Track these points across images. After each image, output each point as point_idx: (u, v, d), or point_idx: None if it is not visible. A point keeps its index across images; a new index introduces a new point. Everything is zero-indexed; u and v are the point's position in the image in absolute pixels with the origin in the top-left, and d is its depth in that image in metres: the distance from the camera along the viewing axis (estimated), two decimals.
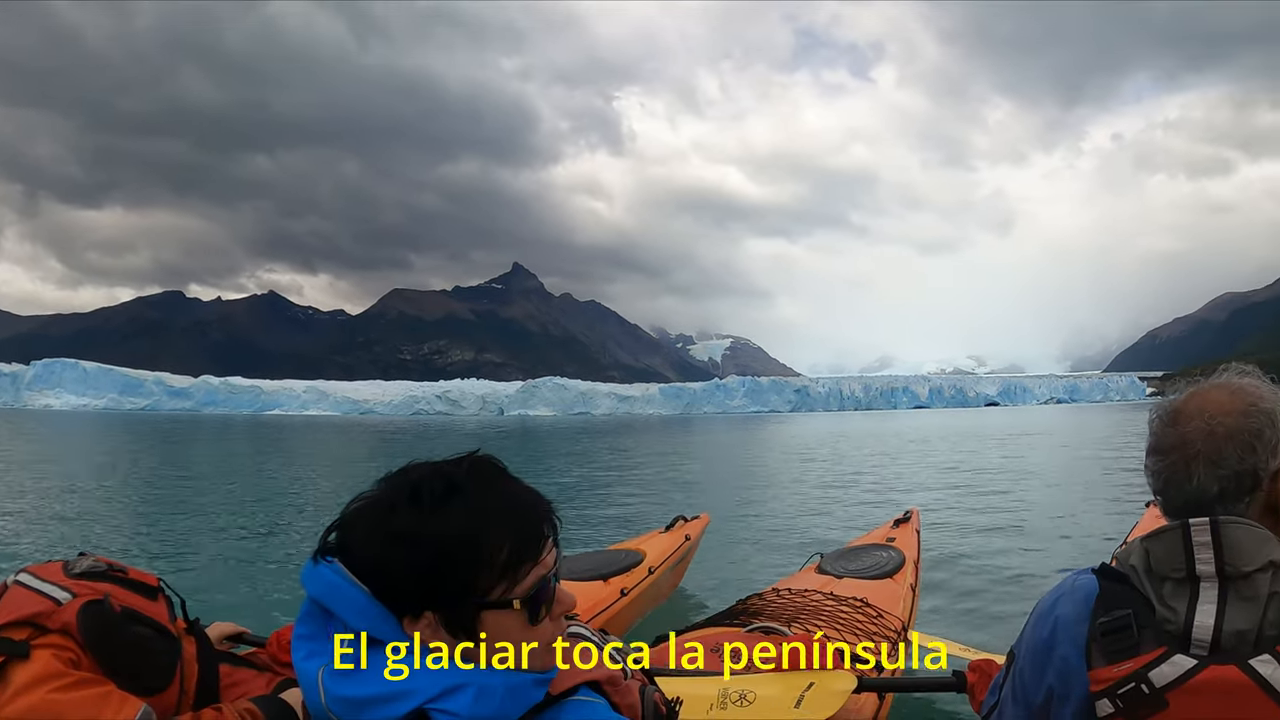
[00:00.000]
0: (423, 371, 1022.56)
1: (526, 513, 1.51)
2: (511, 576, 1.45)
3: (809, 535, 12.63)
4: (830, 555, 6.49)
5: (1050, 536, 12.41)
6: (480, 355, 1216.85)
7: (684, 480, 23.16)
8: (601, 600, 6.13)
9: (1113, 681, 1.73)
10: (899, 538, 7.09)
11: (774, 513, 15.63)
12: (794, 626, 4.50)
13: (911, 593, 5.96)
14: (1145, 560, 1.81)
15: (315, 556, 1.49)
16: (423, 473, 1.50)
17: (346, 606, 1.44)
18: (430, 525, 1.42)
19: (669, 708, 2.11)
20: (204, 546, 11.96)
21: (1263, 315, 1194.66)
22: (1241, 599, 1.67)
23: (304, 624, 1.50)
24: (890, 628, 4.81)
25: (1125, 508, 13.37)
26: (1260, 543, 1.70)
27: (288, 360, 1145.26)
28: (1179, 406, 1.89)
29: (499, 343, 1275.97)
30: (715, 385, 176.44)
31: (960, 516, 14.60)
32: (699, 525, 8.40)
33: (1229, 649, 1.65)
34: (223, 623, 3.17)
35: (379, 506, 1.46)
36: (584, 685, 1.57)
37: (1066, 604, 1.89)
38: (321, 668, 1.42)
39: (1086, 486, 19.24)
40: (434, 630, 1.44)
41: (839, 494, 18.79)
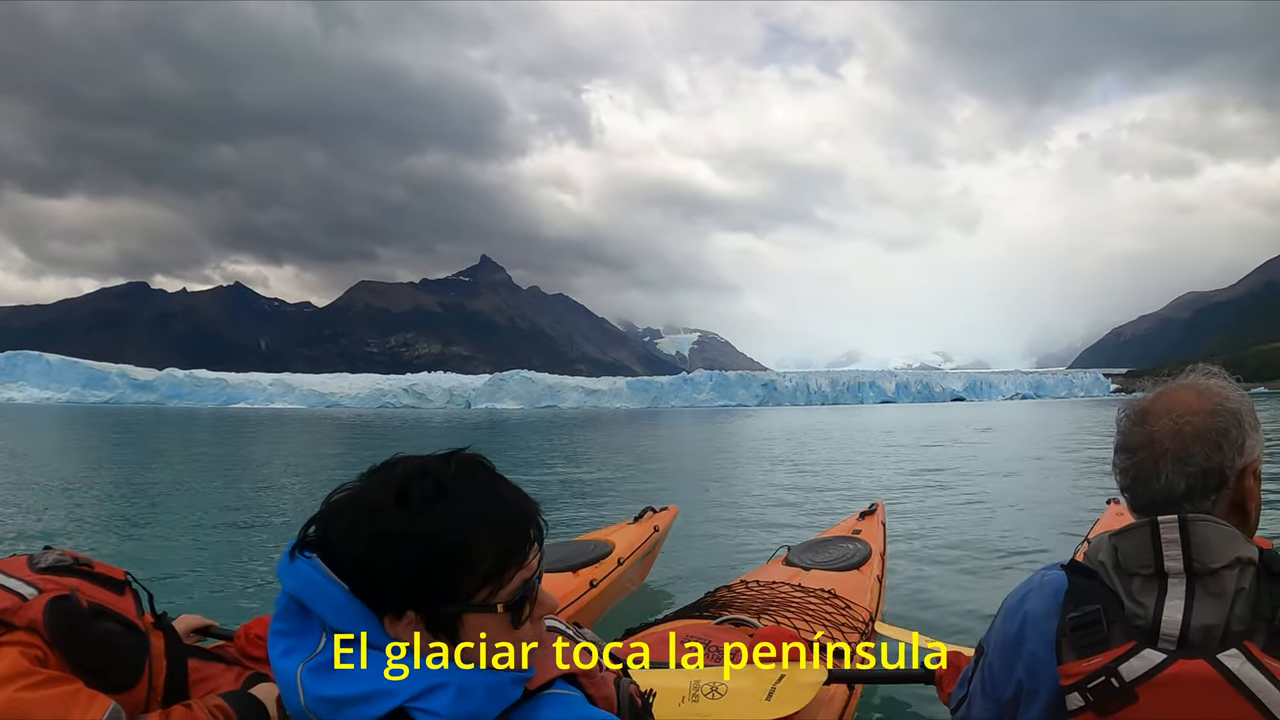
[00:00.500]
0: (389, 364, 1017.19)
1: (514, 517, 1.50)
2: (496, 580, 1.45)
3: (776, 527, 12.69)
4: (797, 548, 6.50)
5: (1014, 530, 12.48)
6: (447, 348, 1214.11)
7: (652, 473, 23.15)
8: (571, 592, 6.12)
9: (1082, 676, 1.74)
10: (865, 530, 7.13)
11: (741, 505, 15.66)
12: (763, 618, 4.50)
13: (878, 584, 5.97)
14: (1114, 556, 1.83)
15: (293, 550, 1.46)
16: (410, 470, 1.47)
17: (325, 604, 1.42)
18: (418, 526, 1.40)
19: (644, 699, 2.11)
20: (169, 539, 11.85)
21: (1226, 314, 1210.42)
22: (1209, 595, 1.70)
23: (281, 620, 1.47)
24: (858, 619, 4.81)
25: (1087, 503, 13.50)
26: (1227, 540, 1.72)
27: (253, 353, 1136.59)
28: (1147, 405, 1.92)
29: (466, 335, 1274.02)
30: (683, 379, 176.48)
31: (925, 509, 14.69)
32: (668, 517, 8.42)
33: (1197, 644, 1.68)
34: (190, 615, 3.14)
35: (364, 503, 1.44)
36: (560, 678, 1.57)
37: (1035, 599, 1.90)
38: (300, 666, 1.41)
39: (1050, 481, 19.36)
40: (415, 630, 1.43)
41: (805, 487, 18.83)
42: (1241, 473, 1.84)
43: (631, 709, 1.95)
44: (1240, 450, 1.83)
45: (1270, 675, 1.62)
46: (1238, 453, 1.83)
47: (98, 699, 2.08)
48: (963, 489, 17.94)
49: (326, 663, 1.41)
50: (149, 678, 2.37)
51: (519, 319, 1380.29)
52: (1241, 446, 1.84)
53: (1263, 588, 1.71)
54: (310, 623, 1.45)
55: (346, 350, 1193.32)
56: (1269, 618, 1.67)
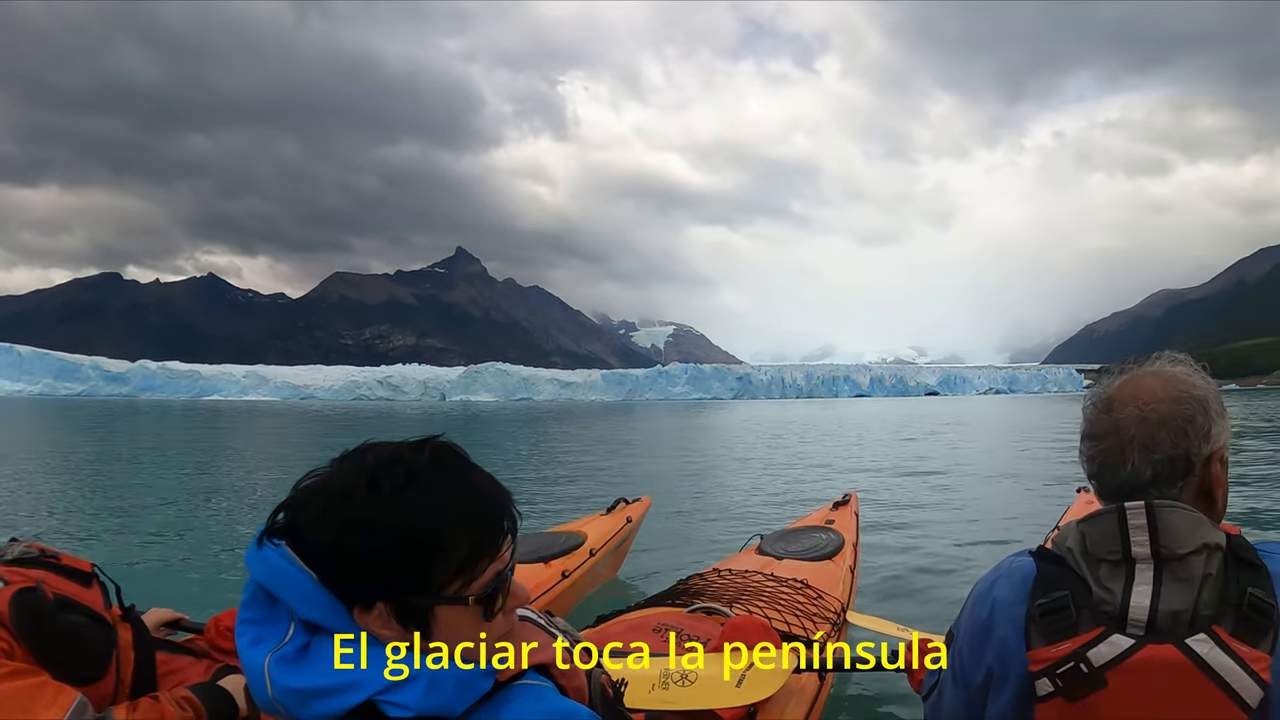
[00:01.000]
0: (364, 356, 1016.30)
1: (488, 507, 1.47)
2: (469, 572, 1.42)
3: (749, 517, 12.68)
4: (770, 537, 6.49)
5: (986, 520, 12.56)
6: (422, 340, 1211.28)
7: (625, 464, 23.13)
8: (543, 582, 6.10)
9: (1052, 661, 1.75)
10: (838, 520, 7.12)
11: (715, 496, 15.67)
12: (735, 607, 4.49)
13: (851, 574, 5.97)
14: (1081, 543, 1.84)
15: (261, 538, 1.43)
16: (382, 457, 1.44)
17: (293, 593, 1.39)
18: (389, 515, 1.37)
19: (615, 689, 2.08)
20: (138, 531, 11.74)
21: (1198, 312, 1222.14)
22: (1176, 580, 1.71)
23: (249, 609, 1.44)
24: (830, 608, 4.81)
25: (1058, 492, 13.61)
26: (1194, 526, 1.73)
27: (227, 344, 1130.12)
28: (1113, 394, 1.91)
29: (441, 328, 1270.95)
30: (658, 372, 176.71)
31: (898, 500, 14.74)
32: (640, 508, 8.38)
33: (1165, 629, 1.69)
34: (159, 609, 3.11)
35: (334, 490, 1.40)
36: (530, 669, 1.55)
37: (1004, 586, 1.91)
38: (268, 656, 1.38)
39: (1021, 473, 19.47)
40: (385, 622, 1.40)
41: (779, 478, 18.87)
42: (1208, 459, 1.84)
43: (603, 698, 1.93)
44: (1206, 437, 1.83)
45: (1238, 659, 1.63)
46: (1204, 440, 1.82)
47: (64, 691, 2.05)
48: (935, 480, 18.02)
49: (294, 653, 1.38)
50: (116, 670, 2.36)
51: (494, 311, 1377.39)
52: (1208, 433, 1.83)
53: (1230, 573, 1.71)
54: (278, 612, 1.42)
55: (321, 342, 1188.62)
56: (1236, 603, 1.67)
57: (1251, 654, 1.64)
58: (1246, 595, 1.67)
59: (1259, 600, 1.67)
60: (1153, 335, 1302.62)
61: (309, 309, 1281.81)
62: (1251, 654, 1.64)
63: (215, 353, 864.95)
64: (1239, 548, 1.75)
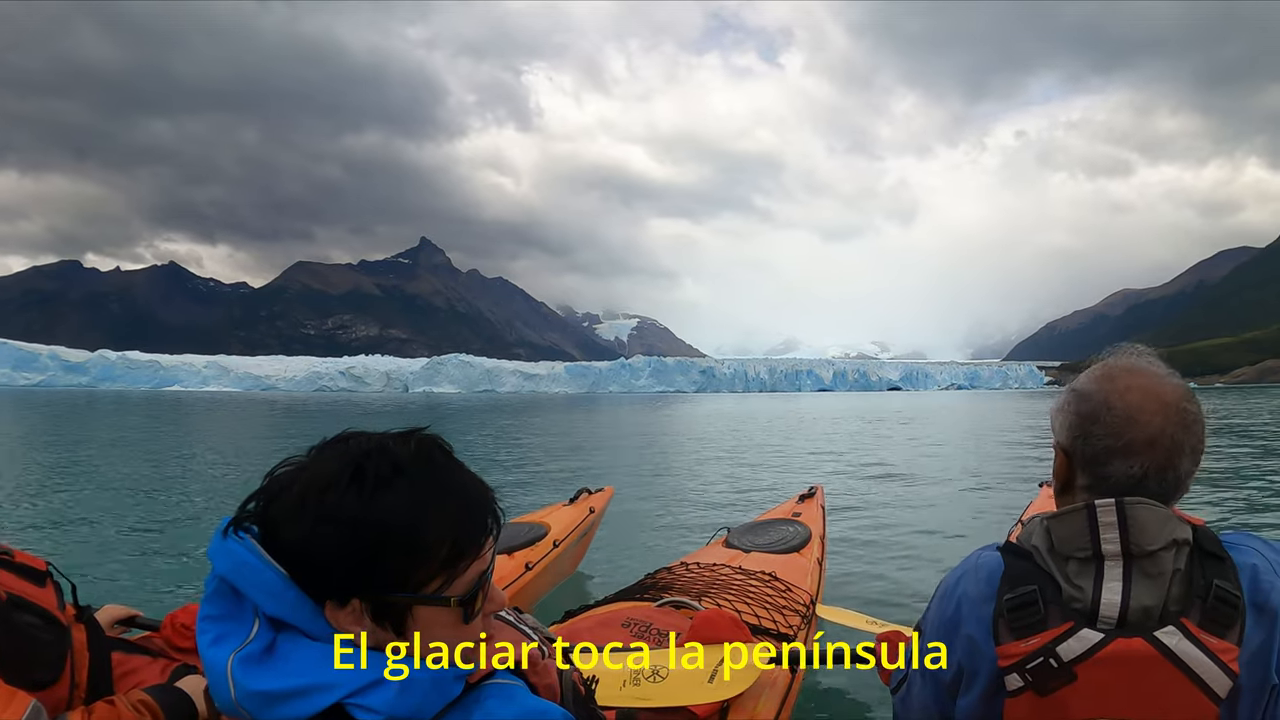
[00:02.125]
0: (326, 347, 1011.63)
1: (473, 505, 1.43)
2: (450, 571, 1.38)
3: (714, 510, 12.71)
4: (737, 530, 6.44)
5: (950, 513, 12.63)
6: (385, 331, 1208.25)
7: (588, 456, 23.09)
8: (507, 574, 6.02)
9: (1021, 656, 1.76)
10: (804, 513, 7.09)
11: (678, 488, 15.66)
12: (704, 601, 4.45)
13: (818, 567, 5.94)
14: (1047, 539, 1.83)
15: (227, 528, 1.36)
16: (366, 447, 1.39)
17: (258, 588, 1.34)
18: (372, 510, 1.31)
19: (587, 686, 2.06)
20: (93, 526, 11.51)
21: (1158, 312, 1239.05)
22: (1146, 576, 1.72)
23: (212, 604, 1.38)
24: (799, 601, 4.78)
25: (1019, 486, 13.76)
26: (1163, 521, 1.73)
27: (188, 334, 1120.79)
28: (1130, 401, 1.82)
29: (404, 318, 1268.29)
30: (621, 364, 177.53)
31: (864, 493, 14.79)
32: (603, 498, 8.35)
33: (1135, 624, 1.70)
34: (113, 606, 2.98)
35: (313, 480, 1.34)
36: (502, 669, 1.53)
37: (970, 582, 1.90)
38: (231, 656, 1.32)
39: (984, 467, 19.62)
40: (359, 620, 1.36)
41: (743, 471, 18.89)
42: None
43: (575, 696, 1.89)
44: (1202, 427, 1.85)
45: (1206, 650, 1.65)
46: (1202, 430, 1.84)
47: (17, 696, 1.94)
48: (900, 474, 18.10)
49: (259, 652, 1.33)
50: (71, 673, 2.25)
51: (458, 302, 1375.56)
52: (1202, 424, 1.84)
53: (1196, 566, 1.73)
54: (243, 608, 1.36)
55: (283, 332, 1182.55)
56: (1203, 595, 1.69)
57: (1220, 645, 1.65)
58: (1213, 588, 1.68)
59: (1225, 592, 1.68)
60: (1112, 333, 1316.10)
61: (271, 298, 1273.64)
62: (1220, 645, 1.65)
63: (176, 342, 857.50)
64: (1205, 541, 1.76)
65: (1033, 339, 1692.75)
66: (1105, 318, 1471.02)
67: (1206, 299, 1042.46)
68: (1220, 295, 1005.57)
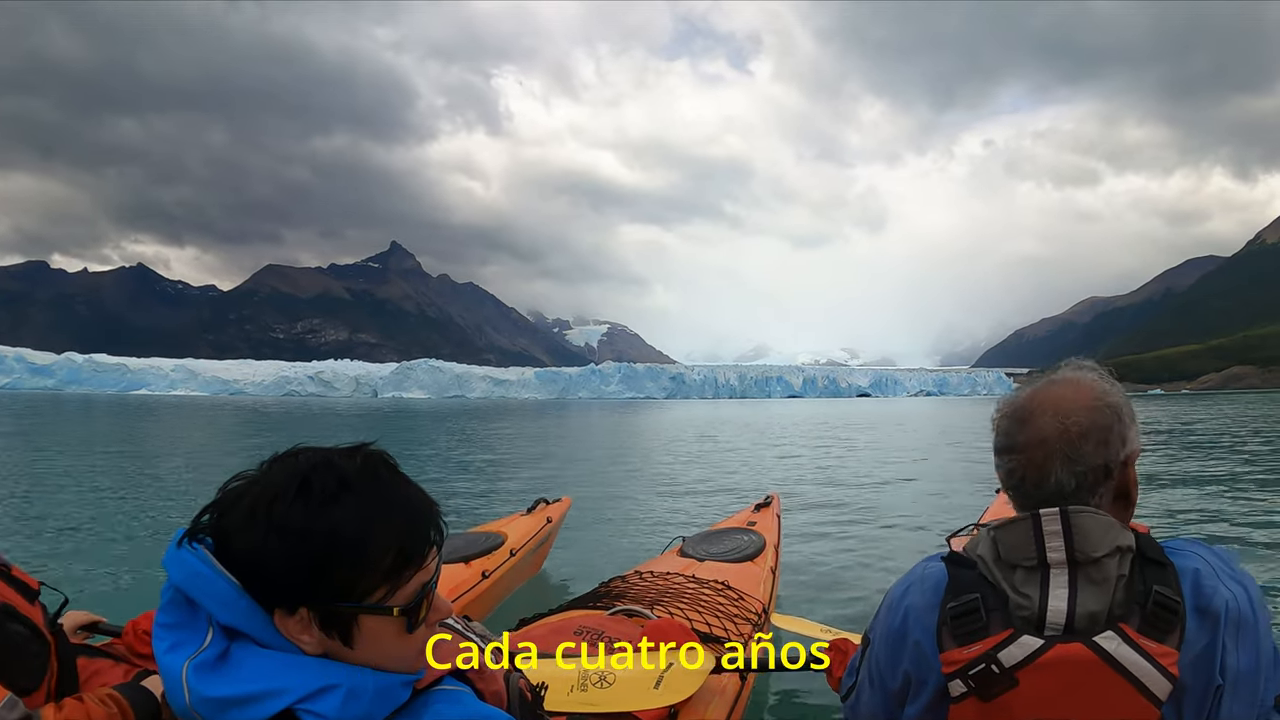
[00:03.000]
0: (295, 351, 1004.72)
1: (416, 518, 1.47)
2: (394, 581, 1.42)
3: (672, 519, 12.73)
4: (692, 539, 6.54)
5: (909, 520, 12.69)
6: (355, 335, 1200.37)
7: (551, 464, 23.05)
8: (463, 583, 6.08)
9: (964, 663, 1.79)
10: (760, 522, 7.20)
11: (639, 497, 15.67)
12: (656, 609, 4.51)
13: (772, 575, 6.04)
14: (993, 549, 1.87)
15: (182, 539, 1.41)
16: (314, 461, 1.43)
17: (212, 597, 1.38)
18: (318, 520, 1.36)
19: (534, 693, 2.10)
20: (56, 531, 11.46)
21: (1125, 319, 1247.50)
22: (1091, 583, 1.75)
23: (167, 613, 1.42)
24: (751, 610, 4.85)
25: (981, 490, 13.83)
26: (1106, 529, 1.78)
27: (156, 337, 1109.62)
28: (1027, 405, 1.92)
29: (374, 323, 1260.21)
30: (591, 371, 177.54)
31: (823, 501, 14.83)
32: (561, 508, 8.43)
33: (1082, 630, 1.74)
34: (76, 611, 2.98)
35: (263, 493, 1.39)
36: (448, 675, 1.56)
37: (916, 592, 1.94)
38: (186, 662, 1.35)
39: (946, 472, 19.76)
40: (307, 628, 1.39)
41: (705, 479, 18.91)
42: (1124, 463, 1.88)
43: (521, 702, 1.94)
44: (1124, 443, 1.87)
45: (1146, 654, 1.69)
46: (1121, 445, 1.87)
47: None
48: (860, 481, 18.18)
49: (213, 659, 1.36)
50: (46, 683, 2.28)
51: (428, 307, 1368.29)
52: (1125, 438, 1.88)
53: (1138, 573, 1.77)
54: (197, 617, 1.40)
55: (251, 336, 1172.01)
56: (1143, 601, 1.72)
57: (1159, 649, 1.69)
58: (1152, 593, 1.72)
59: (1165, 598, 1.72)
60: (1080, 341, 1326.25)
61: (240, 301, 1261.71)
62: (1159, 649, 1.69)
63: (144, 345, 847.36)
64: (1147, 548, 1.80)
65: (1001, 346, 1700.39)
66: (1073, 325, 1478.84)
67: (1173, 307, 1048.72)
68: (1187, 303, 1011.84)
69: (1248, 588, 1.78)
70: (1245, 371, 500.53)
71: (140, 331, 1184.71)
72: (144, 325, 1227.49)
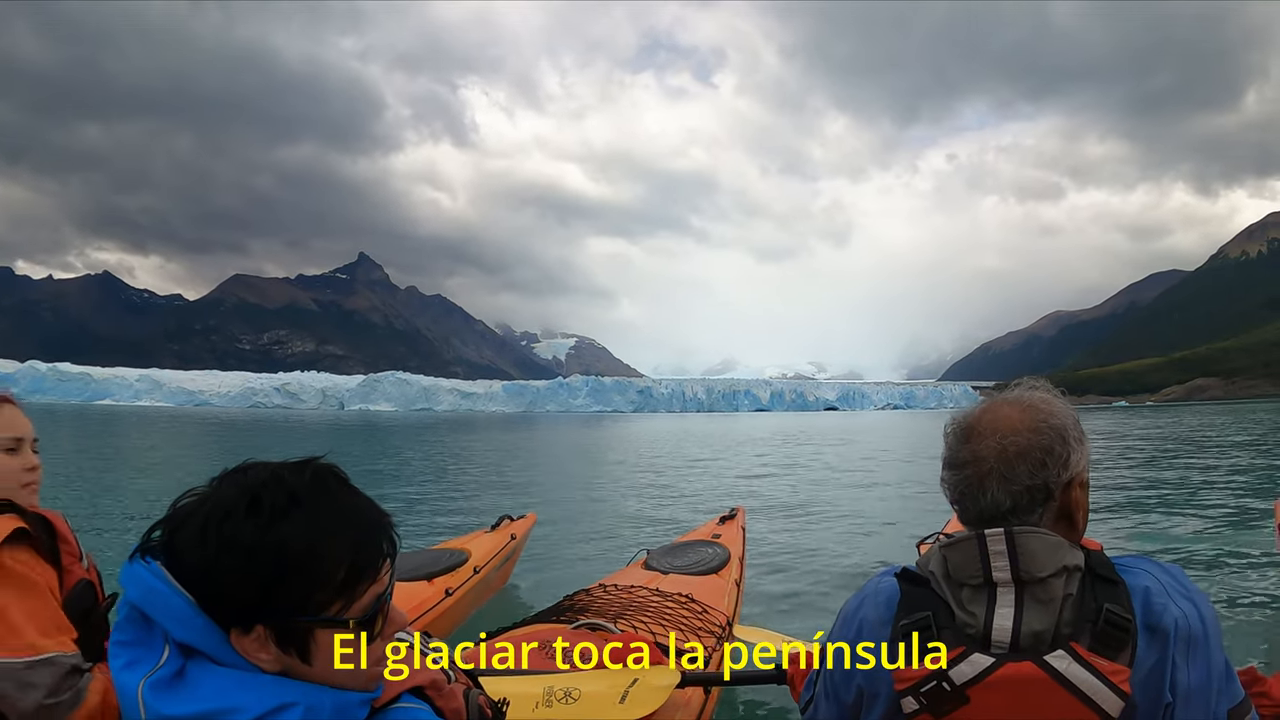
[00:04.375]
0: (261, 362, 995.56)
1: (368, 530, 1.47)
2: (348, 595, 1.41)
3: (638, 532, 12.72)
4: (657, 552, 6.55)
5: (872, 533, 12.73)
6: (322, 347, 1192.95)
7: (517, 479, 22.91)
8: (426, 600, 6.04)
9: (916, 680, 1.79)
10: (724, 534, 7.21)
11: (604, 511, 15.63)
12: (620, 623, 4.48)
13: (736, 588, 6.04)
14: (944, 566, 1.88)
15: (135, 555, 1.40)
16: (263, 477, 1.43)
17: (167, 614, 1.37)
18: (269, 536, 1.35)
19: (495, 709, 2.10)
20: None
21: (1089, 332, 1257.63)
22: (1038, 602, 1.76)
23: (123, 630, 1.40)
24: (715, 623, 4.84)
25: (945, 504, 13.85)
26: (1053, 549, 1.78)
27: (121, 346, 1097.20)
28: (972, 423, 1.94)
29: (341, 334, 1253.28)
30: (559, 384, 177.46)
31: (788, 513, 14.88)
32: (525, 524, 8.41)
33: (1027, 648, 1.74)
34: None
35: (213, 509, 1.38)
36: (406, 692, 1.56)
37: (870, 606, 1.95)
38: (142, 680, 1.34)
39: (911, 485, 19.77)
40: (263, 645, 1.38)
41: (670, 492, 18.92)
42: (1067, 485, 1.88)
43: (481, 718, 1.94)
44: (1065, 465, 1.87)
45: (1096, 671, 1.70)
46: (1062, 468, 1.87)
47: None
48: (825, 493, 18.24)
49: (169, 677, 1.35)
50: None
51: (395, 319, 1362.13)
52: (1066, 461, 1.87)
53: (1088, 591, 1.77)
54: (153, 634, 1.38)
55: (217, 346, 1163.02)
56: (1093, 619, 1.73)
57: (1110, 667, 1.70)
58: (1103, 612, 1.73)
59: (1115, 616, 1.73)
60: (1045, 354, 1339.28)
61: (206, 311, 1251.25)
62: (1110, 667, 1.70)
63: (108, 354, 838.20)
64: (1098, 565, 1.81)
65: (967, 359, 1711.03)
66: (1038, 338, 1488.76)
67: (1137, 320, 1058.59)
68: (1150, 316, 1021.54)
69: (1199, 604, 1.78)
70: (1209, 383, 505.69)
71: (105, 341, 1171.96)
72: (109, 334, 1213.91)
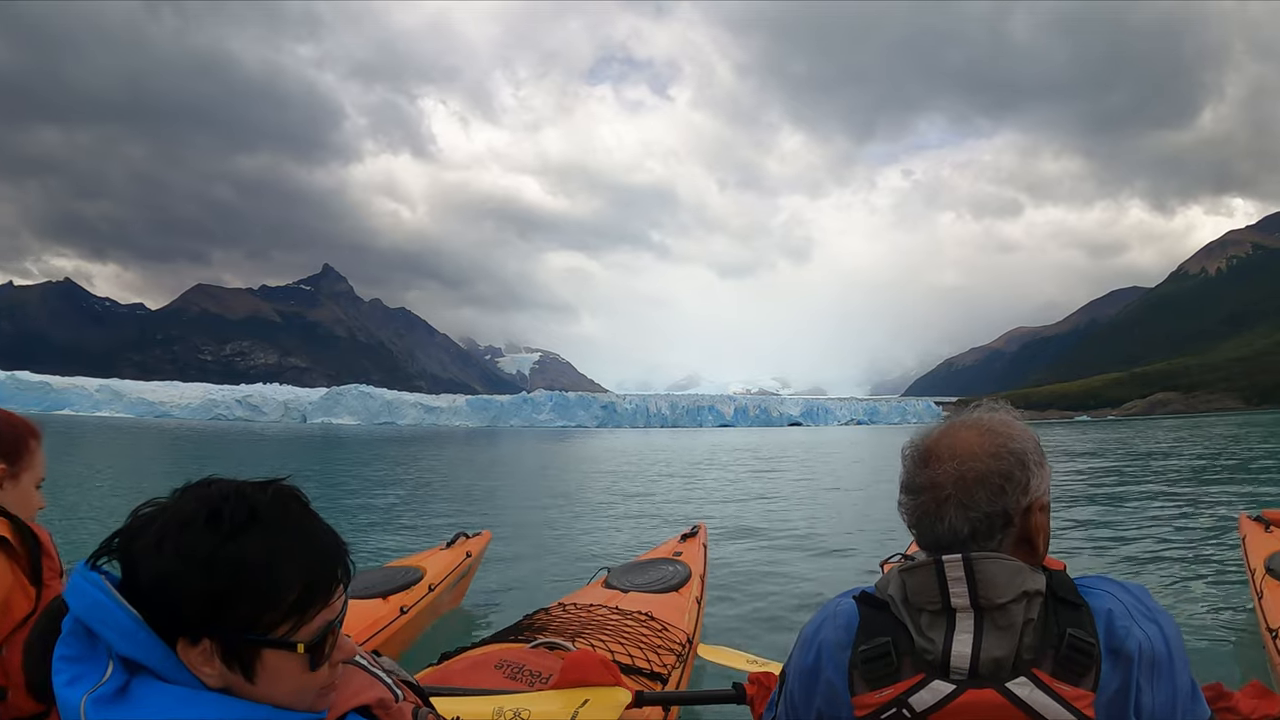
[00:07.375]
0: (223, 373, 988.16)
1: (324, 554, 1.47)
2: (299, 617, 1.41)
3: (599, 550, 12.66)
4: (617, 570, 6.53)
5: (836, 551, 12.70)
6: (284, 359, 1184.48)
7: (477, 495, 22.79)
8: (380, 619, 5.99)
9: (875, 707, 1.77)
10: (686, 552, 7.19)
11: (565, 528, 15.57)
12: (578, 641, 4.46)
13: (697, 606, 6.03)
14: (902, 591, 1.85)
15: (88, 563, 1.41)
16: (225, 491, 1.43)
17: (110, 628, 1.36)
18: (225, 550, 1.35)
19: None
20: None
21: (1050, 348, 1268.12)
22: (997, 628, 1.73)
23: (67, 644, 1.38)
24: (675, 641, 4.83)
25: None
26: (1013, 574, 1.75)
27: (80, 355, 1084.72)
28: (930, 447, 1.92)
29: (304, 347, 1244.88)
30: (523, 399, 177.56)
31: (750, 530, 14.85)
32: (481, 542, 8.38)
33: (987, 675, 1.71)
34: None
35: (172, 520, 1.39)
36: (353, 711, 1.55)
37: (829, 630, 1.92)
38: (85, 696, 1.32)
39: (874, 502, 19.77)
40: (208, 659, 1.38)
41: (632, 509, 18.88)
42: (1027, 510, 1.85)
43: None
44: (1025, 490, 1.84)
45: (1058, 697, 1.67)
46: (1022, 493, 1.84)
47: None
48: (788, 510, 18.25)
49: (112, 693, 1.33)
50: None
51: (359, 332, 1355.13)
52: (1026, 486, 1.84)
53: (1050, 615, 1.75)
54: (97, 649, 1.37)
55: (179, 357, 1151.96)
56: (1056, 644, 1.70)
57: (1073, 692, 1.67)
58: (1066, 637, 1.70)
59: (1078, 640, 1.70)
60: (1008, 370, 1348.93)
61: (168, 321, 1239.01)
62: (1073, 692, 1.67)
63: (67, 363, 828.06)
64: (1059, 588, 1.79)
65: (931, 375, 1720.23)
66: (1001, 354, 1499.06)
67: (1099, 336, 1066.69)
68: (1111, 332, 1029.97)
69: (1162, 625, 1.76)
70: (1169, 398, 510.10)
71: (64, 349, 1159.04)
72: (68, 343, 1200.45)
